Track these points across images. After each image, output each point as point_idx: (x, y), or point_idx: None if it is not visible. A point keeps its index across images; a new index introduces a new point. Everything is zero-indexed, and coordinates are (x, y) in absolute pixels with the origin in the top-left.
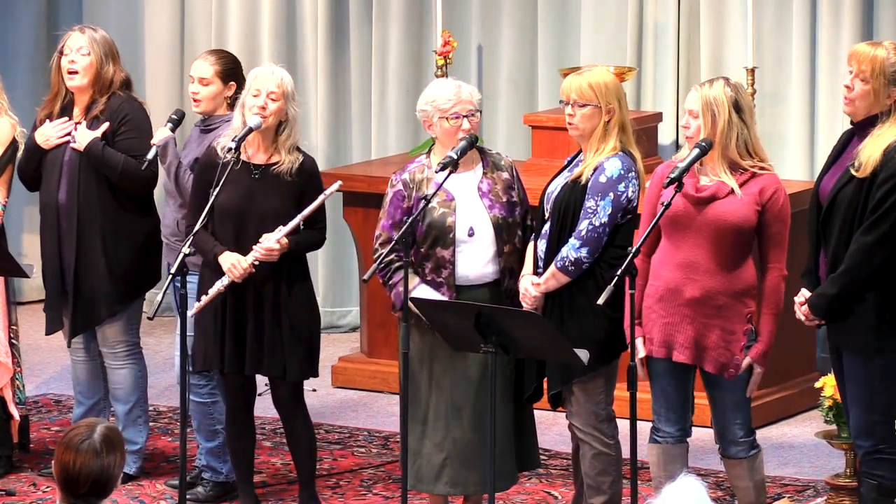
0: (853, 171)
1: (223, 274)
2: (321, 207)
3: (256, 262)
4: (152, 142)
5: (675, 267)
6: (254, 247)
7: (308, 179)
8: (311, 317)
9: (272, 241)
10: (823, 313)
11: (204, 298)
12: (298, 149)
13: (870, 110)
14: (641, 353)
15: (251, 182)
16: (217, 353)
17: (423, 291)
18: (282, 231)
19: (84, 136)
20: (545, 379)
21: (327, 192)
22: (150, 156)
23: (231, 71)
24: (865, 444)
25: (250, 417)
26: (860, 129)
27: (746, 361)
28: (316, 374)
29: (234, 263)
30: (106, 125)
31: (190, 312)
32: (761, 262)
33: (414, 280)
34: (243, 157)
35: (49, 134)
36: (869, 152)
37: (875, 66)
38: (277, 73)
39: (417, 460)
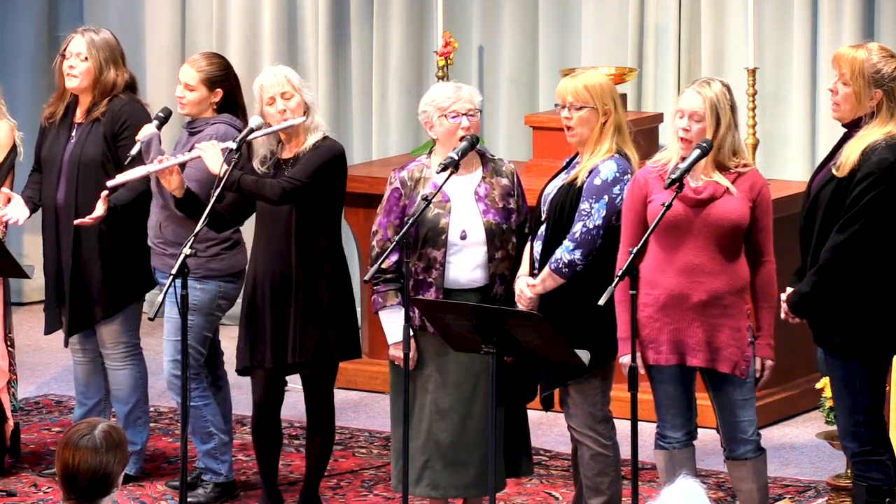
0: (834, 171)
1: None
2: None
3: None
4: (137, 137)
5: (677, 272)
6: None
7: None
8: (334, 300)
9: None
10: (800, 311)
11: (172, 160)
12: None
13: (855, 113)
14: (627, 361)
15: None
16: (247, 351)
17: (390, 315)
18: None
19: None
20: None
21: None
22: (133, 152)
23: (218, 78)
24: (852, 445)
25: (277, 417)
26: (851, 130)
27: (759, 363)
28: (337, 359)
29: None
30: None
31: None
32: (752, 257)
33: (394, 299)
34: (279, 156)
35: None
36: (848, 153)
37: (854, 68)
38: (279, 72)
39: (399, 461)
